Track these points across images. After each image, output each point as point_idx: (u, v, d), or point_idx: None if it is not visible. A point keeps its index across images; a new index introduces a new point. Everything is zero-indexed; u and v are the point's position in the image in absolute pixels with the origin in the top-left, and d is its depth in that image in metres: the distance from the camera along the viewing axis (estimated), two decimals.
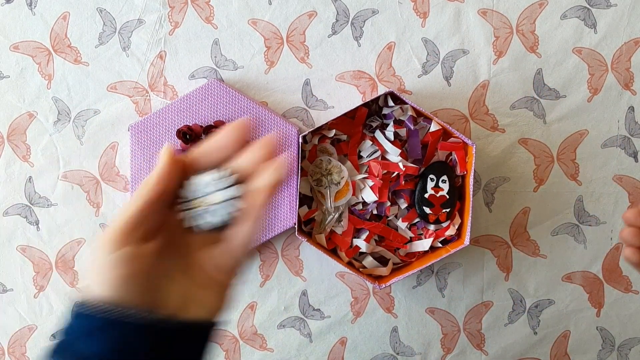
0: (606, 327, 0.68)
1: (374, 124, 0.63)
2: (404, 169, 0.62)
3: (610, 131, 0.66)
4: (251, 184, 0.33)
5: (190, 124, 0.61)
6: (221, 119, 0.62)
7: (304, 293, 0.67)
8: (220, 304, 0.36)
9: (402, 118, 0.63)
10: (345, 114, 0.60)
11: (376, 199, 0.62)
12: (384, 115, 0.63)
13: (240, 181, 0.33)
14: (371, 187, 0.62)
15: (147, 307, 0.32)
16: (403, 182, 0.63)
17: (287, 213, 0.63)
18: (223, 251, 0.34)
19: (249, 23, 0.64)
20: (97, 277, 0.31)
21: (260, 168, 0.33)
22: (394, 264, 0.64)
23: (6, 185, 0.66)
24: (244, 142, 0.33)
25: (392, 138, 0.62)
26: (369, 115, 0.63)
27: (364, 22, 0.64)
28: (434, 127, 0.62)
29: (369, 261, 0.64)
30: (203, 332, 0.35)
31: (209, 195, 0.33)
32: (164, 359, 0.32)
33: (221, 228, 0.34)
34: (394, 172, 0.63)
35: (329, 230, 0.63)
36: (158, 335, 0.32)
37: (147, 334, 0.31)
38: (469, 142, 0.60)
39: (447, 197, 0.62)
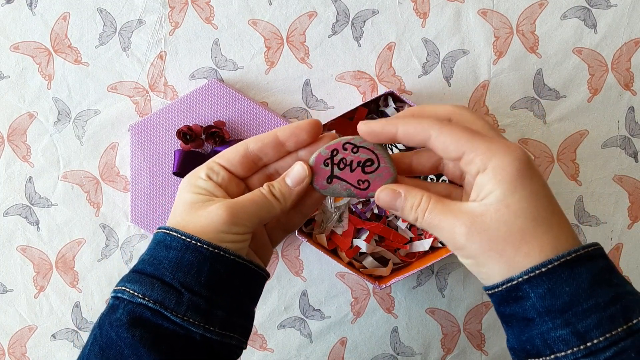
0: None
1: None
2: None
3: (610, 131, 0.66)
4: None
5: (191, 124, 0.61)
6: (221, 119, 0.62)
7: (304, 293, 0.67)
8: (265, 263, 0.43)
9: None
10: (343, 115, 0.60)
11: None
12: (381, 112, 0.63)
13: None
14: None
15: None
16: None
17: None
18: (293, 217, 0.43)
19: (249, 23, 0.64)
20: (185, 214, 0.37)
21: None
22: (394, 264, 0.64)
23: (6, 185, 0.66)
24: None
25: None
26: (367, 114, 0.63)
27: (364, 22, 0.64)
28: None
29: (369, 261, 0.64)
30: (259, 275, 0.40)
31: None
32: (228, 290, 0.37)
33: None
34: None
35: (329, 230, 0.63)
36: (226, 266, 0.37)
37: (218, 263, 0.36)
38: None
39: None
